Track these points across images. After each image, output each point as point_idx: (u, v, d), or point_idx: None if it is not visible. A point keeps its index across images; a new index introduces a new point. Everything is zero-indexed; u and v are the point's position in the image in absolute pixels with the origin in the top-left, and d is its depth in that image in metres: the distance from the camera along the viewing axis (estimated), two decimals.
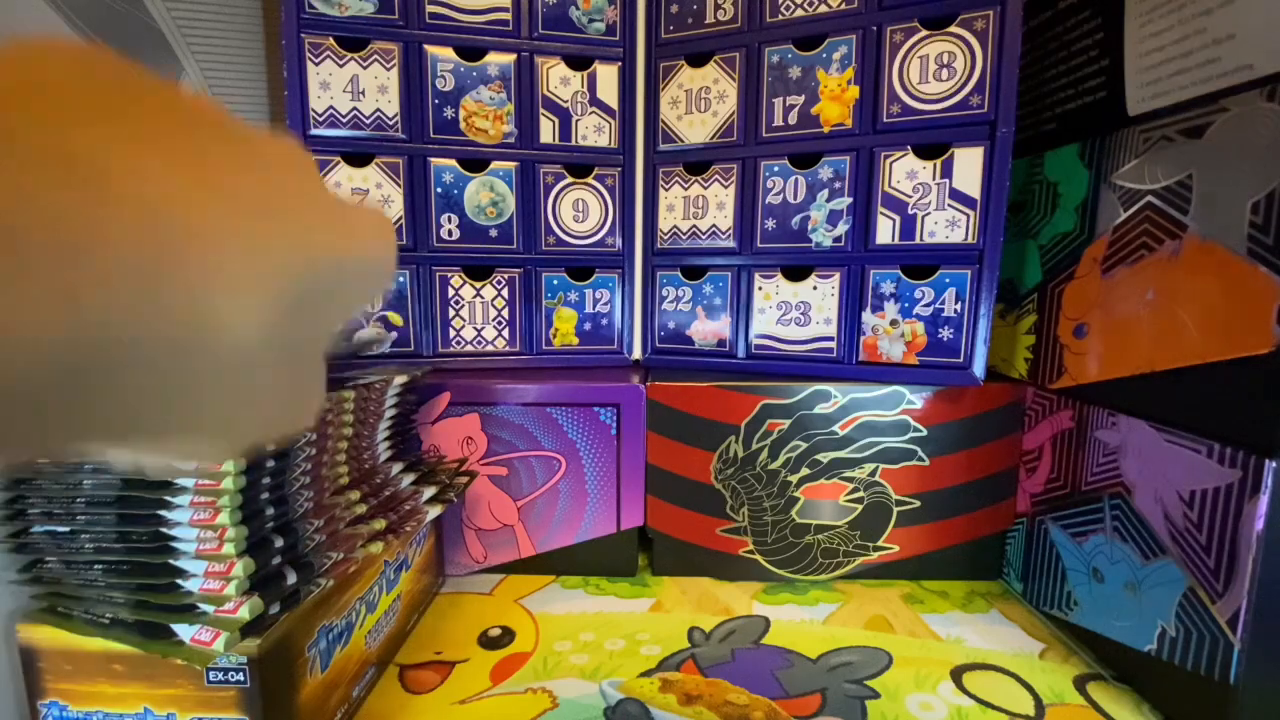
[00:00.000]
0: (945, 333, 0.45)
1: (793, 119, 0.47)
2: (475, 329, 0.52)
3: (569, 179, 0.52)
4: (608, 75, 0.51)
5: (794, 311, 0.49)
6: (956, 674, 0.38)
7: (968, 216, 0.44)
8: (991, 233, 0.43)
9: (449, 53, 0.49)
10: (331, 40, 0.47)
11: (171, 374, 0.11)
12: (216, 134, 0.13)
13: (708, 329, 0.52)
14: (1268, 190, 0.29)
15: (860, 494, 0.47)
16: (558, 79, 0.51)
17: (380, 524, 0.36)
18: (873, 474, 0.47)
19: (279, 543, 0.30)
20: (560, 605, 0.46)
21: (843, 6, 0.45)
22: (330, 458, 0.36)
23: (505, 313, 0.52)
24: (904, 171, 0.45)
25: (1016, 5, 0.41)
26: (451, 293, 0.52)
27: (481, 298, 0.52)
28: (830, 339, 0.48)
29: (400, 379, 0.43)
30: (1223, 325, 0.31)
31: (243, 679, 0.28)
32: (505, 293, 0.52)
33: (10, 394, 0.09)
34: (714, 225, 0.50)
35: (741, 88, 0.48)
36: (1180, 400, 0.34)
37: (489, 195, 0.51)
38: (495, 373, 0.51)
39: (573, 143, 0.51)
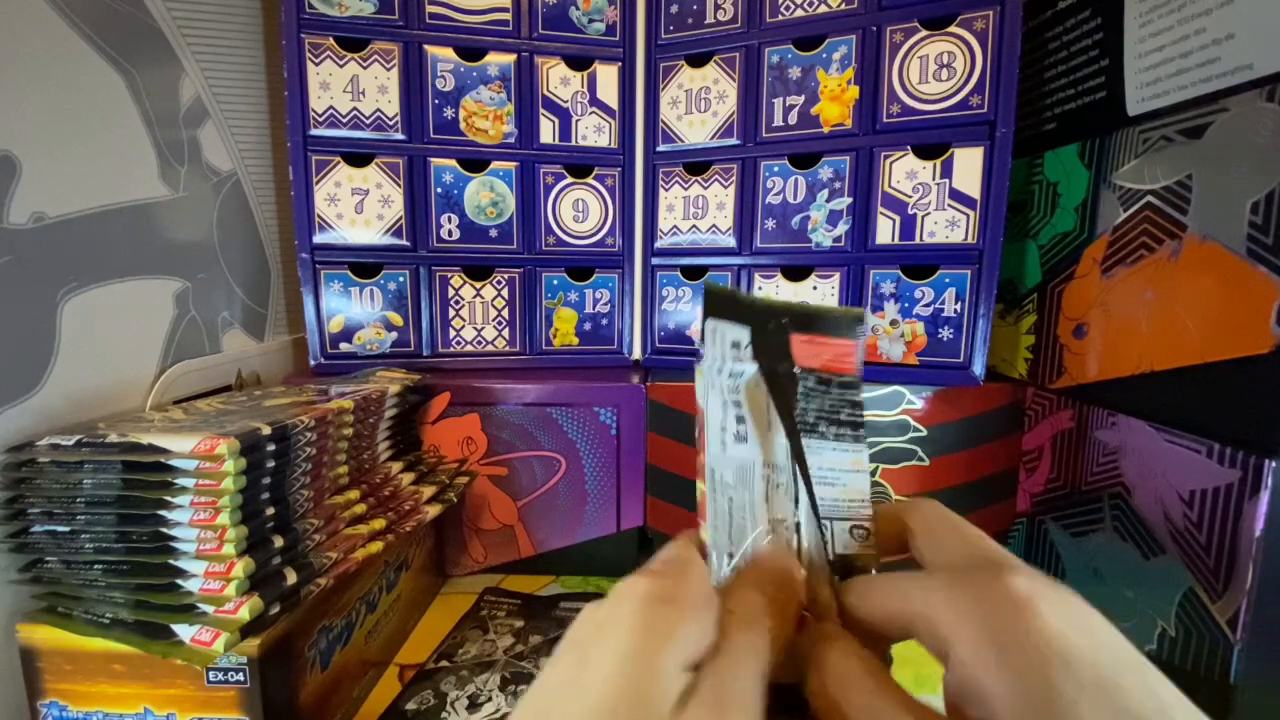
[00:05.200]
0: (945, 333, 0.45)
1: (793, 119, 0.47)
2: (475, 329, 0.52)
3: (569, 179, 0.52)
4: (608, 75, 0.51)
5: None
6: None
7: (967, 216, 0.44)
8: (991, 233, 0.43)
9: (449, 53, 0.49)
10: (331, 40, 0.47)
11: None
12: None
13: None
14: (1267, 190, 0.29)
15: None
16: (558, 79, 0.51)
17: (380, 524, 0.36)
18: (873, 474, 0.47)
19: (279, 543, 0.30)
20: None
21: (843, 6, 0.45)
22: (330, 458, 0.36)
23: (505, 313, 0.52)
24: (904, 171, 0.45)
25: (1016, 5, 0.41)
26: (451, 293, 0.51)
27: (481, 298, 0.52)
28: None
29: (399, 384, 0.43)
30: (1222, 325, 0.31)
31: (243, 679, 0.28)
32: (505, 293, 0.52)
33: None
34: (714, 225, 0.50)
35: (741, 88, 0.48)
36: (1180, 400, 0.33)
37: (489, 195, 0.51)
38: (495, 373, 0.51)
39: (573, 143, 0.51)
